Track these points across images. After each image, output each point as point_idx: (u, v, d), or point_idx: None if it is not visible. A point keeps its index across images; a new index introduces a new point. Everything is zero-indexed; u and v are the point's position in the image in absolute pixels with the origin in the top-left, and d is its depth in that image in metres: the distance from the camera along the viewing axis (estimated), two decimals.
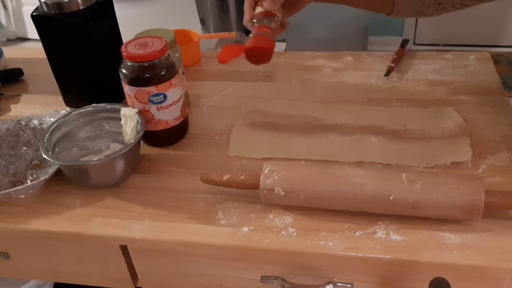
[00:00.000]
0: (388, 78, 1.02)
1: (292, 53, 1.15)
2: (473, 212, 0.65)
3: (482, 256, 0.64)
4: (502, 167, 0.77)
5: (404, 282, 0.70)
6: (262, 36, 0.76)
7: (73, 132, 0.85)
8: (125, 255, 0.79)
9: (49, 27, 0.91)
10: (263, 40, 0.75)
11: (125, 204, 0.77)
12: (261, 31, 0.76)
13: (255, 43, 0.75)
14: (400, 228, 0.68)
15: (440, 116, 0.88)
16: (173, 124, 0.85)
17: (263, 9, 0.78)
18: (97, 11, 0.91)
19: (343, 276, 0.72)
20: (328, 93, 0.99)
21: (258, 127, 0.90)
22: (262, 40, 0.75)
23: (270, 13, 0.78)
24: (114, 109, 0.85)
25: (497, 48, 2.60)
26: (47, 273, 0.88)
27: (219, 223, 0.72)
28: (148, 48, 0.79)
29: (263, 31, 0.76)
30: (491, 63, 1.04)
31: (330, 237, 0.68)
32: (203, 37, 1.17)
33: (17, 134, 0.89)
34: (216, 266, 0.76)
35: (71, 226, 0.74)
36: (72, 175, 0.79)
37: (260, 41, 0.75)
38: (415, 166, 0.78)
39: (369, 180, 0.68)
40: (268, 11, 0.77)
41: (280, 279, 0.74)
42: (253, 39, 0.75)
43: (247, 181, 0.72)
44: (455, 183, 0.66)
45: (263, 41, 0.75)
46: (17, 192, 0.77)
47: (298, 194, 0.70)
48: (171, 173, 0.82)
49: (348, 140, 0.85)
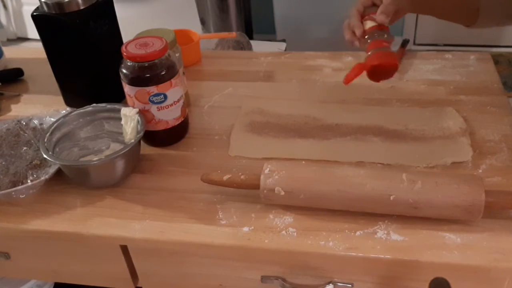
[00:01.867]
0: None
1: (292, 53, 1.15)
2: (474, 212, 0.66)
3: (482, 256, 0.64)
4: (502, 167, 0.77)
5: (404, 282, 0.70)
6: (384, 51, 0.73)
7: (74, 132, 0.85)
8: (125, 255, 0.79)
9: (49, 27, 0.91)
10: (387, 55, 0.72)
11: (125, 204, 0.77)
12: (380, 46, 0.74)
13: (380, 60, 0.72)
14: (401, 228, 0.68)
15: (440, 116, 0.88)
16: (173, 124, 0.85)
17: (374, 23, 0.76)
18: (97, 11, 0.91)
19: (344, 276, 0.72)
20: (328, 93, 0.99)
21: (258, 127, 0.90)
22: (386, 55, 0.72)
23: (383, 26, 0.76)
24: (114, 109, 0.85)
25: (497, 48, 2.60)
26: (47, 273, 0.88)
27: (219, 223, 0.72)
28: (149, 48, 0.79)
29: (382, 46, 0.74)
30: (491, 63, 1.04)
31: (331, 237, 0.68)
32: (203, 37, 1.17)
33: (17, 134, 0.89)
34: (216, 266, 0.76)
35: (71, 226, 0.74)
36: (73, 175, 0.79)
37: (385, 56, 0.72)
38: (415, 166, 0.78)
39: (370, 180, 0.68)
40: (381, 24, 0.76)
41: (280, 279, 0.74)
42: (376, 55, 0.72)
43: (247, 181, 0.72)
44: (456, 183, 0.66)
45: (388, 57, 0.72)
46: (18, 192, 0.77)
47: (298, 194, 0.70)
48: (171, 173, 0.82)
49: (348, 140, 0.85)
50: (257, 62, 1.12)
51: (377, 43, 0.75)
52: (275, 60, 1.12)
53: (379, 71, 0.74)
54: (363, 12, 0.80)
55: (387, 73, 0.74)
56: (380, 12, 0.76)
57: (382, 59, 0.73)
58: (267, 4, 2.48)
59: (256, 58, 1.14)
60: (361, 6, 0.80)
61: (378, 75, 0.75)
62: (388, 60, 0.73)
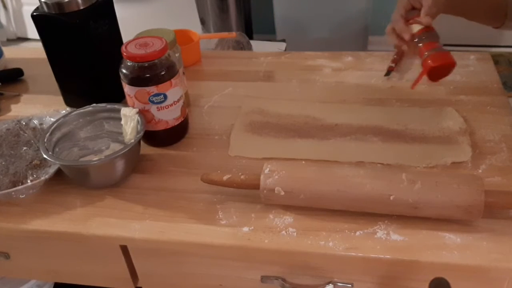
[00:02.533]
0: (388, 78, 1.01)
1: (292, 53, 1.15)
2: (473, 212, 0.66)
3: (482, 256, 0.64)
4: (502, 167, 0.77)
5: (404, 282, 0.70)
6: (439, 52, 0.76)
7: (73, 132, 0.85)
8: (125, 255, 0.79)
9: (49, 27, 0.91)
10: (444, 55, 0.76)
11: (125, 204, 0.77)
12: (433, 48, 0.77)
13: (440, 61, 0.76)
14: (400, 228, 0.68)
15: (440, 116, 0.88)
16: (173, 124, 0.85)
17: (421, 26, 0.79)
18: (97, 11, 0.91)
19: (343, 276, 0.72)
20: (328, 93, 0.99)
21: (258, 127, 0.90)
22: (442, 55, 0.76)
23: (429, 28, 0.79)
24: (114, 109, 0.85)
25: (497, 48, 2.60)
26: (47, 273, 0.88)
27: (219, 223, 0.72)
28: (148, 48, 0.79)
29: (436, 47, 0.77)
30: (491, 63, 1.04)
31: (330, 237, 0.68)
32: (203, 37, 1.17)
33: (17, 134, 0.89)
34: (216, 266, 0.76)
35: (71, 226, 0.74)
36: (72, 175, 0.79)
37: (443, 57, 0.76)
38: (415, 166, 0.78)
39: (369, 180, 0.68)
40: (428, 26, 0.78)
41: (280, 279, 0.74)
42: (434, 56, 0.76)
43: (247, 181, 0.72)
44: (455, 183, 0.66)
45: (445, 56, 0.76)
46: (17, 192, 0.77)
47: (298, 194, 0.70)
48: (171, 173, 0.82)
49: (348, 140, 0.85)
50: (257, 62, 1.12)
51: (430, 45, 0.78)
52: (275, 60, 1.12)
53: (438, 71, 0.77)
54: (407, 17, 0.82)
55: (445, 71, 0.78)
56: (425, 15, 0.78)
57: (442, 59, 0.76)
58: (267, 4, 2.48)
59: (256, 58, 1.14)
60: (403, 11, 0.82)
61: (437, 75, 0.78)
62: (447, 59, 0.76)
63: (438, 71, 0.77)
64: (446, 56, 0.77)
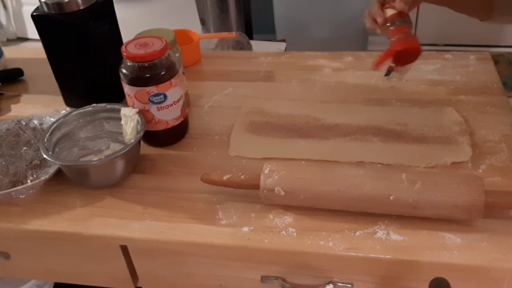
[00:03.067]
0: (388, 78, 1.01)
1: (292, 53, 1.15)
2: (473, 212, 0.66)
3: (482, 256, 0.64)
4: (502, 167, 0.77)
5: (404, 282, 0.70)
6: (407, 37, 0.77)
7: (73, 132, 0.85)
8: (125, 255, 0.79)
9: (49, 27, 0.91)
10: (410, 40, 0.77)
11: (125, 204, 0.77)
12: (402, 32, 0.77)
13: (405, 44, 0.76)
14: (400, 228, 0.68)
15: (440, 116, 0.88)
16: (173, 124, 0.85)
17: (395, 11, 0.79)
18: (97, 11, 0.91)
19: (343, 276, 0.72)
20: (328, 93, 0.99)
21: (258, 127, 0.90)
22: (409, 40, 0.76)
23: (402, 13, 0.79)
24: (114, 109, 0.85)
25: (497, 48, 2.60)
26: (47, 273, 0.88)
27: (219, 223, 0.72)
28: (148, 48, 0.79)
29: (404, 31, 0.78)
30: (491, 63, 1.04)
31: (330, 237, 0.68)
32: (203, 37, 1.17)
33: (17, 134, 0.89)
34: (216, 266, 0.76)
35: (71, 226, 0.74)
36: (72, 175, 0.79)
37: (408, 41, 0.76)
38: (415, 166, 0.78)
39: (369, 180, 0.68)
40: (401, 11, 0.79)
41: (280, 279, 0.74)
42: (400, 41, 0.76)
43: (247, 181, 0.72)
44: (455, 183, 0.66)
45: (411, 42, 0.76)
46: (17, 192, 0.77)
47: (298, 194, 0.70)
48: (171, 173, 0.82)
49: (348, 140, 0.85)
50: (257, 62, 1.12)
51: (399, 30, 0.78)
52: (275, 60, 1.12)
53: (403, 55, 0.77)
54: (383, 1, 0.82)
55: (411, 57, 0.78)
56: (400, 0, 0.79)
57: (406, 44, 0.76)
58: (267, 4, 2.48)
59: (256, 58, 1.14)
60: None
61: (403, 60, 0.78)
62: (412, 44, 0.77)
63: (403, 56, 0.77)
64: (412, 41, 0.77)
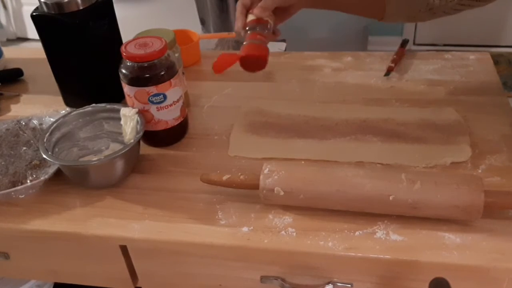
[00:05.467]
0: (388, 78, 1.02)
1: (292, 53, 1.15)
2: (473, 212, 0.66)
3: (482, 256, 0.64)
4: (502, 167, 0.77)
5: (404, 282, 0.70)
6: (255, 43, 0.76)
7: (73, 132, 0.85)
8: (125, 255, 0.79)
9: (49, 27, 0.91)
10: (257, 47, 0.75)
11: (125, 204, 0.77)
12: (254, 39, 0.76)
13: (249, 51, 0.75)
14: (400, 228, 0.68)
15: (440, 116, 0.88)
16: (173, 124, 0.85)
17: (255, 17, 0.78)
18: (97, 11, 0.91)
19: (343, 276, 0.72)
20: (328, 93, 0.99)
21: (258, 127, 0.90)
22: (256, 47, 0.75)
23: (262, 20, 0.78)
24: (114, 109, 0.85)
25: (497, 48, 2.60)
26: (47, 273, 0.88)
27: (219, 223, 0.72)
28: (148, 48, 0.79)
29: (256, 38, 0.77)
30: (491, 63, 1.04)
31: (330, 237, 0.68)
32: (203, 37, 1.17)
33: (17, 134, 0.89)
34: (216, 266, 0.76)
35: (71, 226, 0.74)
36: (72, 175, 0.79)
37: (254, 48, 0.75)
38: (415, 166, 0.78)
39: (369, 180, 0.68)
40: (260, 18, 0.78)
41: (279, 279, 0.74)
42: (247, 47, 0.75)
43: (247, 181, 0.72)
44: (455, 183, 0.66)
45: (257, 49, 0.75)
46: (17, 192, 0.77)
47: (298, 194, 0.70)
48: (171, 173, 0.82)
49: (348, 140, 0.85)
50: None
51: (252, 36, 0.77)
52: (275, 60, 1.12)
53: (250, 62, 0.76)
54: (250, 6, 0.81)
55: (258, 65, 0.76)
56: (258, 6, 0.78)
57: (251, 51, 0.75)
58: None
59: None
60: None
61: (250, 66, 0.77)
62: (256, 52, 0.75)
63: (249, 62, 0.75)
64: (258, 49, 0.75)
